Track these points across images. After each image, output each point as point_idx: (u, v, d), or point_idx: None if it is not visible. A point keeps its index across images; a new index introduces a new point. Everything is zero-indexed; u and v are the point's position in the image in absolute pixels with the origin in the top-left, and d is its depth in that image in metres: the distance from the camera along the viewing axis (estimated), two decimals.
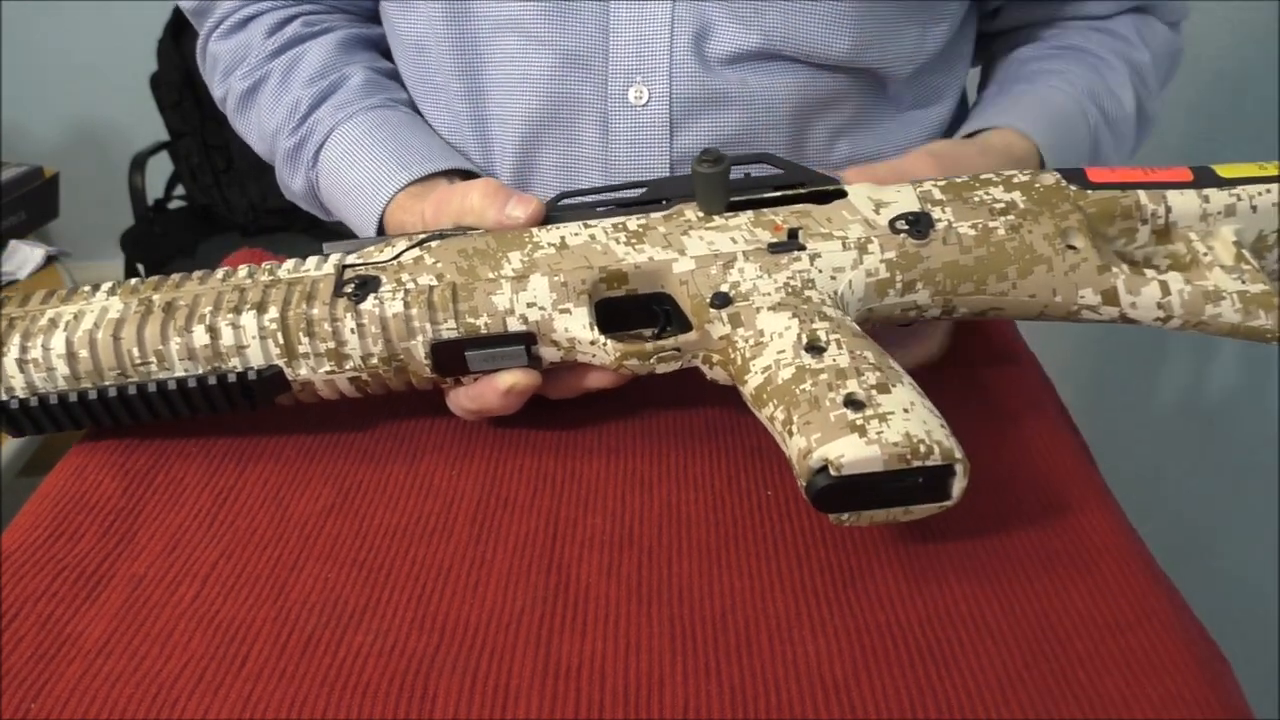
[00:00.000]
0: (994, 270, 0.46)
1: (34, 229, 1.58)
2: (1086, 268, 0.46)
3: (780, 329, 0.43)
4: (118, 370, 0.46)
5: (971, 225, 0.46)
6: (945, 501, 0.40)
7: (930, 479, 0.39)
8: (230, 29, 0.67)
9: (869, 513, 0.40)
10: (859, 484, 0.39)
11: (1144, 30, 0.67)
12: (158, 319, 0.45)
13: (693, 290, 0.46)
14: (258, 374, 0.46)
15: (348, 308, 0.45)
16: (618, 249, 0.46)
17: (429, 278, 0.46)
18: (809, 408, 0.40)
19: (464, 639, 0.39)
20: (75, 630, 0.39)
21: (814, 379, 0.41)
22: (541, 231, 0.47)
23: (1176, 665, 0.38)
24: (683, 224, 0.47)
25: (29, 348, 0.45)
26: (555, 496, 0.46)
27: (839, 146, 0.63)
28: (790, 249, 0.46)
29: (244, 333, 0.45)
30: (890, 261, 0.46)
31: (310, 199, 0.67)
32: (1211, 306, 0.45)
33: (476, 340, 0.46)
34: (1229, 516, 1.21)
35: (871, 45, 0.58)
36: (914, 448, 0.38)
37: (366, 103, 0.63)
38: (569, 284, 0.46)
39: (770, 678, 0.37)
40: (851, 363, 0.41)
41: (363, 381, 0.47)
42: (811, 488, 0.39)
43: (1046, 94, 0.62)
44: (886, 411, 0.39)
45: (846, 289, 0.46)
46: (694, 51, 0.58)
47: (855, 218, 0.47)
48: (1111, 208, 0.47)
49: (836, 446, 0.38)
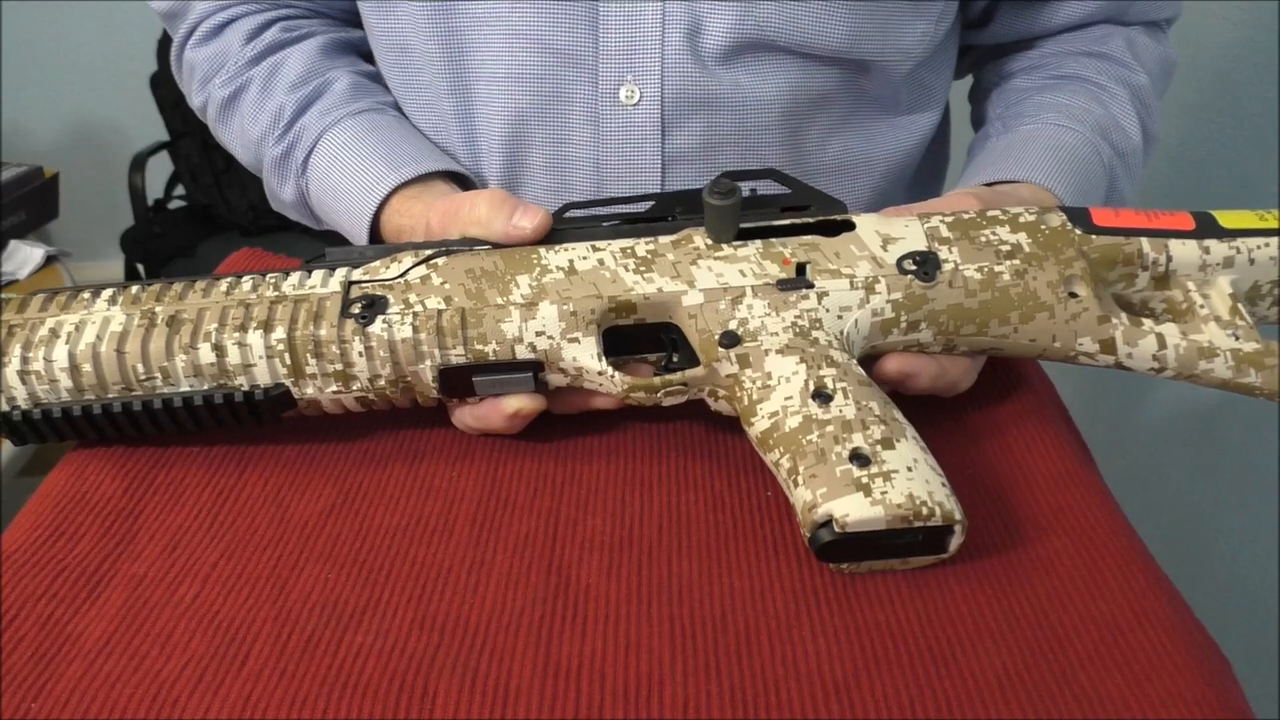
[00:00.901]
0: (997, 315, 0.47)
1: (34, 229, 1.58)
2: (1087, 317, 0.47)
3: (788, 373, 0.44)
4: (122, 384, 0.46)
5: (978, 269, 0.47)
6: (941, 555, 0.41)
7: (929, 536, 0.41)
8: (206, 35, 0.66)
9: (868, 563, 0.41)
10: (861, 539, 0.40)
11: (1135, 48, 0.66)
12: (162, 334, 0.45)
13: (701, 325, 0.46)
14: (265, 393, 0.46)
15: (355, 330, 0.45)
16: (627, 277, 0.46)
17: (437, 300, 0.46)
18: (815, 460, 0.41)
19: (464, 639, 0.39)
20: (75, 630, 0.39)
21: (820, 430, 0.42)
22: (549, 254, 0.47)
23: (1176, 665, 0.38)
24: (691, 252, 0.47)
25: (30, 359, 0.45)
26: (555, 497, 0.46)
27: (831, 148, 0.62)
28: (798, 286, 0.46)
29: (250, 351, 0.45)
30: (896, 302, 0.46)
31: (301, 207, 0.66)
32: (1205, 362, 0.46)
33: (484, 367, 0.46)
34: (1229, 516, 1.21)
35: (867, 36, 0.58)
36: (916, 510, 0.40)
37: (353, 107, 0.62)
38: (578, 313, 0.46)
39: (770, 678, 0.37)
40: (858, 414, 0.42)
41: (369, 400, 0.47)
42: (815, 541, 0.40)
43: (1057, 137, 0.61)
44: (891, 470, 0.40)
45: (852, 328, 0.46)
46: (686, 49, 0.57)
47: (863, 253, 0.47)
48: (1114, 254, 0.48)
49: (842, 505, 0.40)
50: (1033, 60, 0.67)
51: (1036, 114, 0.63)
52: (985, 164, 0.61)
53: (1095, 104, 0.63)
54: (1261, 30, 1.03)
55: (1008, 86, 0.67)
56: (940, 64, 0.65)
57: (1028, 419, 0.51)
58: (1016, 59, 0.68)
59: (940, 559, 0.41)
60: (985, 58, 0.71)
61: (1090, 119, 0.62)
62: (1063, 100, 0.63)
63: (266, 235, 1.87)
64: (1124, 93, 0.64)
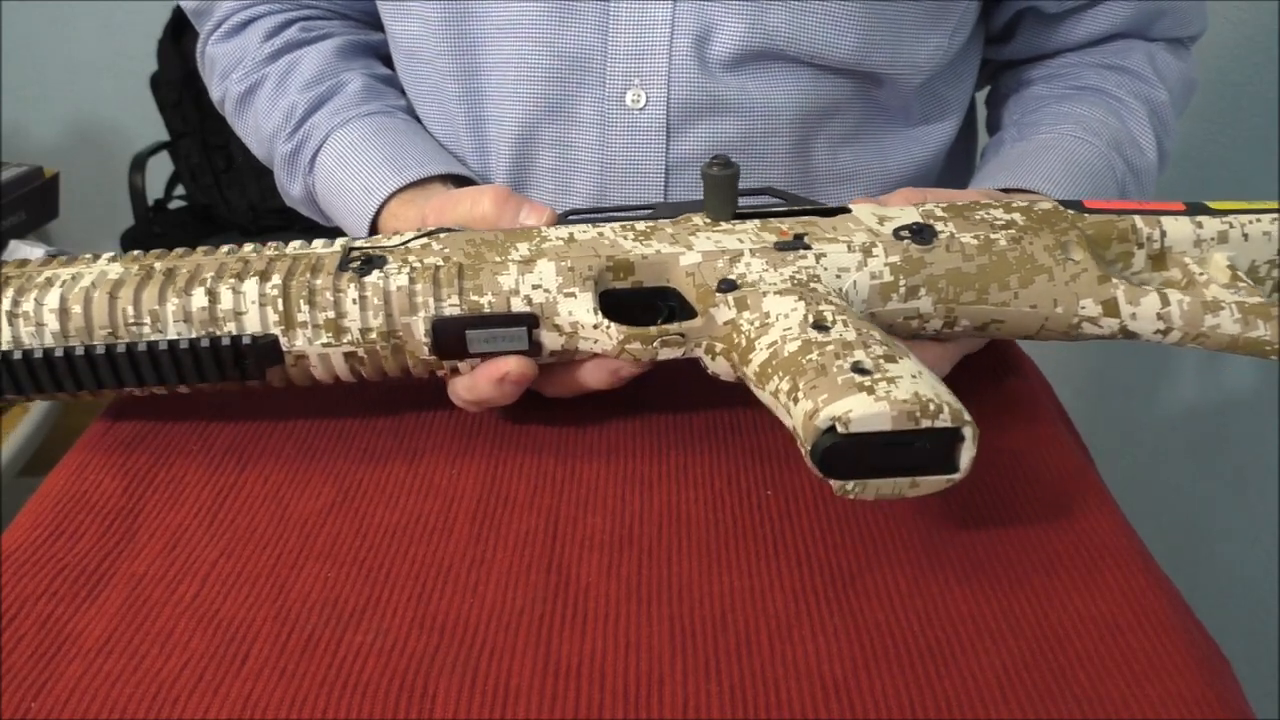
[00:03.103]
0: (996, 279, 0.47)
1: (34, 229, 1.58)
2: (1087, 278, 0.47)
3: (786, 310, 0.44)
4: (109, 329, 0.45)
5: (973, 236, 0.47)
6: (954, 474, 0.39)
7: (939, 444, 0.39)
8: (229, 32, 0.67)
9: (875, 482, 0.39)
10: (866, 445, 0.38)
11: (1157, 64, 0.65)
12: (157, 281, 0.45)
13: (699, 280, 0.46)
14: (252, 340, 0.45)
15: (352, 279, 0.45)
16: (625, 243, 0.47)
17: (436, 259, 0.46)
18: (815, 374, 0.40)
19: (464, 638, 0.39)
20: (75, 629, 0.39)
21: (820, 349, 0.41)
22: (550, 230, 0.48)
23: (1176, 665, 0.38)
24: (690, 227, 0.48)
25: (21, 302, 0.45)
26: (555, 496, 0.46)
27: (841, 158, 0.62)
28: (796, 247, 0.46)
29: (244, 298, 0.45)
30: (894, 265, 0.46)
31: (309, 204, 0.67)
32: (1211, 317, 0.46)
33: (478, 320, 0.45)
34: (1229, 516, 1.21)
35: (877, 48, 0.57)
36: (923, 406, 0.38)
37: (363, 109, 0.63)
38: (575, 269, 0.46)
39: (770, 677, 0.37)
40: (858, 337, 0.42)
41: (358, 359, 0.46)
42: (817, 448, 0.38)
43: (1072, 148, 0.60)
44: (894, 375, 0.39)
45: (851, 289, 0.46)
46: (694, 55, 0.57)
47: (860, 227, 0.47)
48: (1108, 230, 0.48)
49: (844, 404, 0.38)
50: (1052, 69, 0.67)
51: (1054, 124, 0.62)
52: (999, 169, 0.61)
53: (1113, 118, 0.62)
54: (1261, 30, 1.04)
55: (1025, 94, 0.67)
56: (958, 76, 0.65)
57: (1028, 419, 0.51)
58: (1036, 67, 0.68)
59: (952, 480, 0.39)
60: (1005, 67, 0.71)
61: (1107, 133, 0.61)
62: (1080, 111, 0.63)
63: (266, 235, 1.86)
64: (1142, 109, 0.63)
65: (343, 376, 0.47)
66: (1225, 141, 1.10)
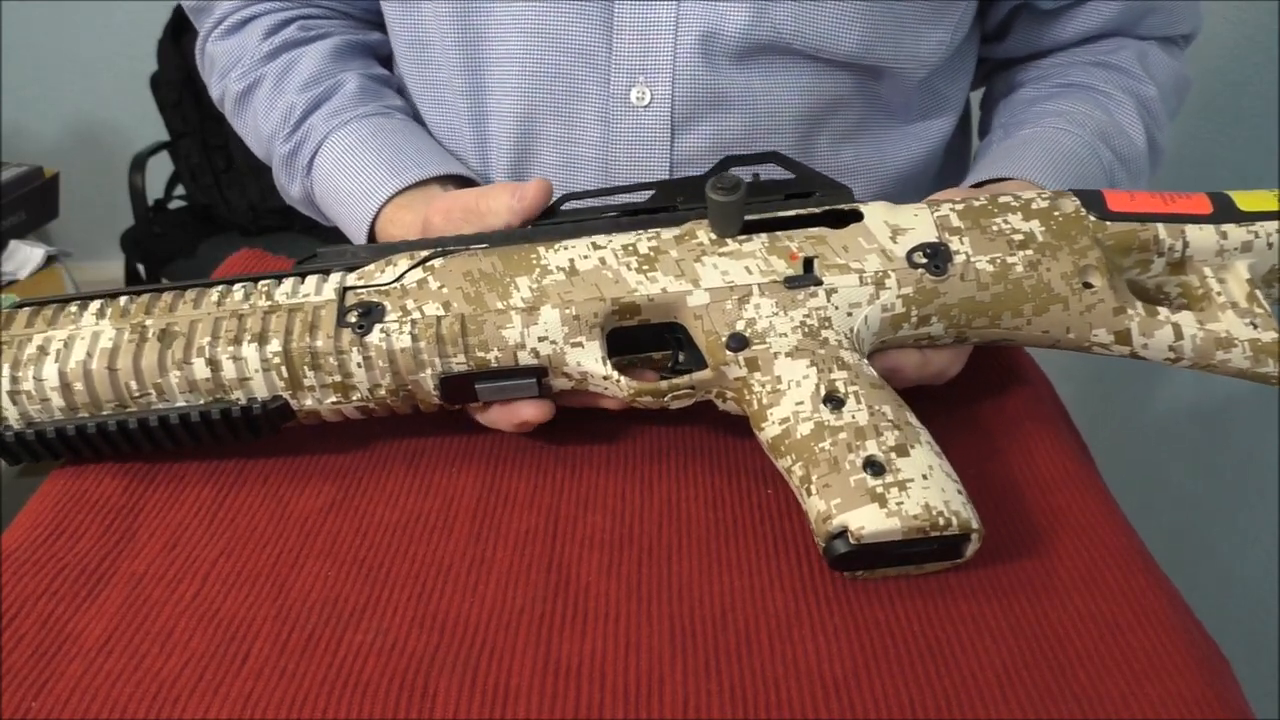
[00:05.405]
0: (1009, 308, 0.46)
1: (34, 229, 1.58)
2: (1102, 309, 0.46)
3: (798, 377, 0.43)
4: (115, 402, 0.45)
5: (990, 260, 0.46)
6: (957, 560, 0.41)
7: (945, 543, 0.40)
8: (228, 30, 0.67)
9: (882, 569, 0.41)
10: (876, 549, 0.40)
11: (1147, 61, 0.65)
12: (154, 349, 0.44)
13: (708, 326, 0.45)
14: (263, 406, 0.45)
15: (353, 340, 0.44)
16: (630, 277, 0.46)
17: (435, 306, 0.45)
18: (828, 469, 0.41)
19: (464, 637, 0.39)
20: (76, 629, 0.39)
21: (833, 438, 0.41)
22: (549, 253, 0.47)
23: (1176, 665, 0.38)
24: (695, 248, 0.47)
25: (20, 379, 0.44)
26: (555, 494, 0.46)
27: (843, 154, 0.62)
28: (806, 284, 0.46)
29: (246, 365, 0.44)
30: (907, 297, 0.46)
31: (308, 205, 0.67)
32: (1222, 353, 0.46)
33: (487, 374, 0.45)
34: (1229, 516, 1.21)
35: (881, 42, 0.58)
36: (933, 520, 0.39)
37: (360, 110, 0.63)
38: (581, 317, 0.45)
39: (770, 677, 0.37)
40: (870, 420, 0.42)
41: (370, 409, 0.47)
42: (830, 552, 0.40)
43: (1055, 138, 0.60)
44: (906, 479, 0.40)
45: (862, 325, 0.46)
46: (699, 51, 0.57)
47: (872, 246, 0.46)
48: (1129, 240, 0.48)
49: (857, 516, 0.39)
50: (1042, 69, 0.67)
51: (1037, 120, 0.63)
52: (982, 167, 0.61)
53: (1098, 109, 0.62)
54: (1261, 30, 1.03)
55: (1014, 97, 0.67)
56: (956, 72, 0.65)
57: (1028, 419, 0.51)
58: (1026, 69, 0.68)
59: (955, 564, 0.41)
60: (998, 68, 0.71)
61: (1091, 123, 0.61)
62: (1065, 106, 0.63)
63: (266, 235, 1.86)
64: (1129, 100, 0.63)
65: (355, 418, 0.48)
66: (1225, 141, 1.10)
